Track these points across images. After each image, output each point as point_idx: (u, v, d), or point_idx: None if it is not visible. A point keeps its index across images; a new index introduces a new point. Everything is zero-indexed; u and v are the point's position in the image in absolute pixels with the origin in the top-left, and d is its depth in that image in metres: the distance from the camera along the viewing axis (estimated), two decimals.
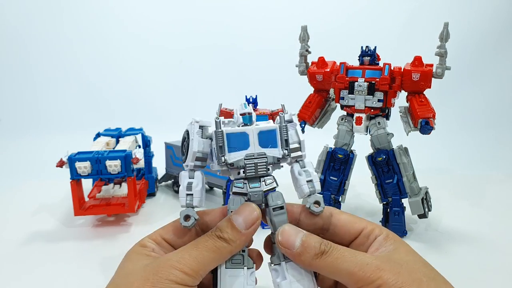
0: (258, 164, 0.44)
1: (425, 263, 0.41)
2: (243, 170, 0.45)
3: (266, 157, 0.45)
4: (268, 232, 0.50)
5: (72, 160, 0.91)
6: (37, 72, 2.18)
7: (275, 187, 0.47)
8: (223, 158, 0.44)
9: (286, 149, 0.46)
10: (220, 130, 0.44)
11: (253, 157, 0.44)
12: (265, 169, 0.45)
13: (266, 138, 0.46)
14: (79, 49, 2.20)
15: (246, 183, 0.46)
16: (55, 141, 1.78)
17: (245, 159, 0.44)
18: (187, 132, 0.48)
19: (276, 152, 0.46)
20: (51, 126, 2.03)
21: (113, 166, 0.92)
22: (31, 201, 1.16)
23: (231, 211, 0.45)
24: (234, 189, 0.46)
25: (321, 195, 0.47)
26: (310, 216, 0.45)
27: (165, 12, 2.19)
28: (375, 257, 0.39)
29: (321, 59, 0.96)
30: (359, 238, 0.44)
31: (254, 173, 0.45)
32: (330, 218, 0.46)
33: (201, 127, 0.47)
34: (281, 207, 0.46)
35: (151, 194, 1.22)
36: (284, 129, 0.46)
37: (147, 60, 2.19)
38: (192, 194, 0.46)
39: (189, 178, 0.48)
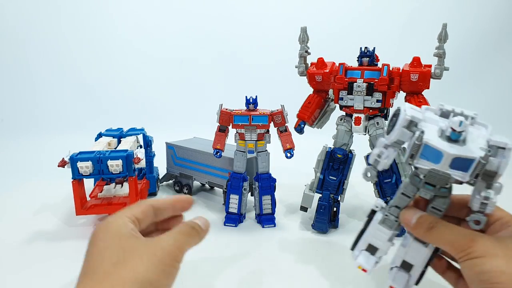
0: (439, 178, 0.47)
1: None
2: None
3: (450, 177, 0.46)
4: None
5: (73, 160, 0.92)
6: (39, 73, 2.19)
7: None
8: (412, 158, 0.48)
9: (476, 175, 0.46)
10: (419, 143, 0.46)
11: (438, 173, 0.46)
12: (444, 184, 0.48)
13: (460, 164, 0.45)
14: (80, 49, 2.21)
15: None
16: (57, 141, 1.79)
17: (429, 171, 0.47)
18: (398, 111, 0.50)
19: (462, 175, 0.46)
20: (52, 126, 2.04)
21: (115, 166, 0.93)
22: (32, 201, 1.17)
23: None
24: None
25: (485, 218, 0.49)
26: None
27: (166, 13, 2.20)
28: (476, 233, 0.46)
29: (321, 60, 0.97)
30: (494, 225, 0.50)
31: (434, 183, 0.49)
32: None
33: (411, 122, 0.48)
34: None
35: (152, 194, 1.23)
36: (485, 161, 0.45)
37: (148, 60, 2.20)
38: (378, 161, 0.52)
39: (383, 147, 0.52)
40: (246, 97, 1.00)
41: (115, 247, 0.42)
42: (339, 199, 0.99)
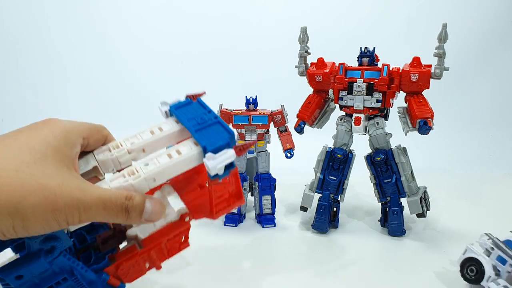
0: None
1: None
2: None
3: None
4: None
5: None
6: (39, 72, 2.19)
7: None
8: None
9: None
10: None
11: None
12: None
13: None
14: (81, 49, 2.20)
15: None
16: None
17: None
18: None
19: None
20: None
21: None
22: None
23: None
24: None
25: None
26: None
27: (166, 13, 2.20)
28: None
29: (320, 60, 0.97)
30: None
31: None
32: None
33: None
34: None
35: None
36: None
37: (148, 60, 2.20)
38: None
39: None
40: (246, 97, 1.00)
41: (36, 155, 0.35)
42: (339, 199, 0.99)
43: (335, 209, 0.99)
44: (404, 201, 0.95)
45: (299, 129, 0.99)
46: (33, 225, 0.34)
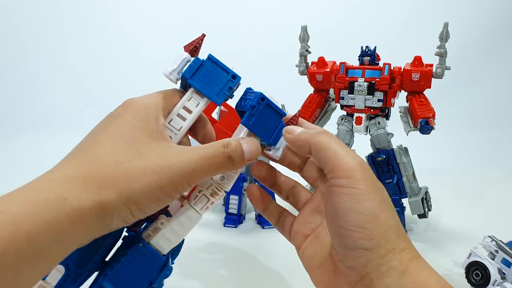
0: None
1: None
2: None
3: None
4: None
5: None
6: (38, 72, 2.19)
7: None
8: None
9: None
10: None
11: None
12: None
13: None
14: (80, 49, 2.20)
15: None
16: (57, 141, 1.78)
17: None
18: None
19: None
20: (52, 126, 2.04)
21: None
22: None
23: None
24: None
25: None
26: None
27: (165, 13, 2.20)
28: (363, 161, 0.40)
29: (321, 59, 0.96)
30: None
31: None
32: None
33: None
34: None
35: None
36: None
37: (148, 60, 2.20)
38: None
39: None
40: None
41: (128, 141, 0.36)
42: None
43: None
44: (405, 201, 0.94)
45: None
46: (147, 206, 0.35)
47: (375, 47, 0.92)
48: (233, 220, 1.00)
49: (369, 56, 0.91)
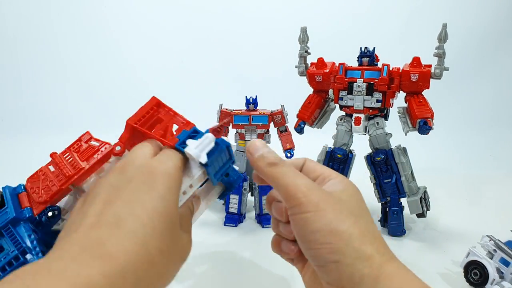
0: None
1: (362, 205, 0.40)
2: None
3: None
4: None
5: None
6: (38, 72, 2.19)
7: None
8: None
9: None
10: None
11: None
12: None
13: None
14: (81, 48, 2.20)
15: None
16: (57, 141, 1.78)
17: None
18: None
19: None
20: (53, 126, 2.04)
21: None
22: None
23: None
24: None
25: None
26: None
27: (166, 12, 2.20)
28: (314, 184, 0.40)
29: (320, 60, 0.97)
30: (317, 180, 0.44)
31: None
32: (303, 164, 0.47)
33: None
34: None
35: None
36: None
37: (148, 60, 2.20)
38: None
39: None
40: (246, 97, 1.00)
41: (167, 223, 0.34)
42: None
43: None
44: (404, 201, 0.94)
45: (299, 129, 0.99)
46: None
47: (374, 48, 0.93)
48: (233, 219, 1.01)
49: (368, 57, 0.92)
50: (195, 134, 0.42)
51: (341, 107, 0.95)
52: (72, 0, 2.20)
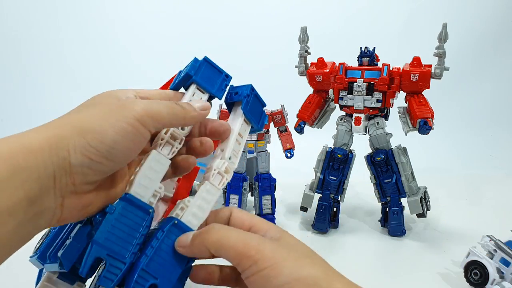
0: None
1: (306, 246, 0.39)
2: None
3: None
4: None
5: None
6: (38, 72, 2.19)
7: None
8: None
9: None
10: None
11: None
12: None
13: None
14: (81, 50, 2.20)
15: None
16: None
17: None
18: None
19: None
20: None
21: None
22: None
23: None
24: None
25: None
26: (214, 215, 0.44)
27: (165, 12, 2.20)
28: (260, 236, 0.38)
29: (321, 60, 0.97)
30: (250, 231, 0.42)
31: None
32: (230, 216, 0.44)
33: None
34: None
35: None
36: None
37: (148, 60, 2.20)
38: None
39: None
40: None
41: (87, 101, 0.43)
42: (339, 199, 0.99)
43: (335, 209, 0.99)
44: (404, 201, 0.94)
45: (299, 129, 0.98)
46: (105, 135, 0.36)
47: (374, 48, 0.93)
48: None
49: (368, 56, 0.92)
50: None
51: (341, 107, 0.95)
52: (73, 1, 2.20)
